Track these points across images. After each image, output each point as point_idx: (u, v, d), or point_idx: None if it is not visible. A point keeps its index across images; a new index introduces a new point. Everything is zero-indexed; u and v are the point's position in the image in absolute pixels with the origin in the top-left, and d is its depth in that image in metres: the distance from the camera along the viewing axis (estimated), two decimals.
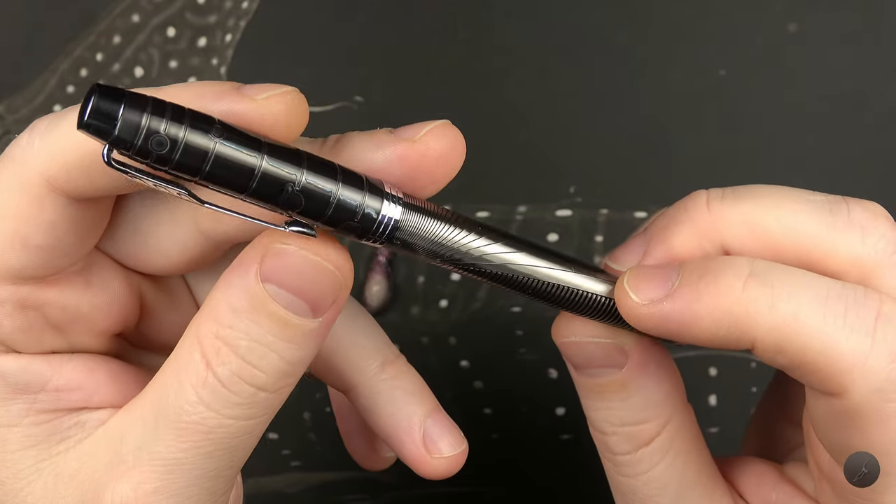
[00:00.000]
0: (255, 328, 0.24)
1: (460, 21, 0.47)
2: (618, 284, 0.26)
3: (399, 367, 0.30)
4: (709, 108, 0.46)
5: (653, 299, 0.25)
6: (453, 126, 0.25)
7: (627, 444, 0.28)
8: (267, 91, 0.23)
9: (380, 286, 0.46)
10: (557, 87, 0.47)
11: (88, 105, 0.21)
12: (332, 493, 0.46)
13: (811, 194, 0.26)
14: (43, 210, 0.24)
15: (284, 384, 0.25)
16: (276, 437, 0.46)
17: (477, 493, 0.45)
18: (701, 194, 0.27)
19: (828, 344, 0.24)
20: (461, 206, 0.46)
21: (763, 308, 0.24)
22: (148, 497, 0.24)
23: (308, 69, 0.47)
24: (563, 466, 0.45)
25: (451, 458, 0.30)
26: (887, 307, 0.24)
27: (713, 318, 0.24)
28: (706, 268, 0.25)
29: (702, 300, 0.24)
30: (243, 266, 0.24)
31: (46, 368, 0.26)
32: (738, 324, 0.24)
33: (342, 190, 0.23)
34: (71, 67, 0.48)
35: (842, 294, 0.24)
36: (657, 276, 0.25)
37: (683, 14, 0.47)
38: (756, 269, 0.24)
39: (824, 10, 0.46)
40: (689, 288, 0.25)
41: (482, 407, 0.45)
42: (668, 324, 0.25)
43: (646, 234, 0.28)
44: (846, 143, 0.46)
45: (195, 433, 0.24)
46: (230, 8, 0.48)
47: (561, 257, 0.26)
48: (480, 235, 0.25)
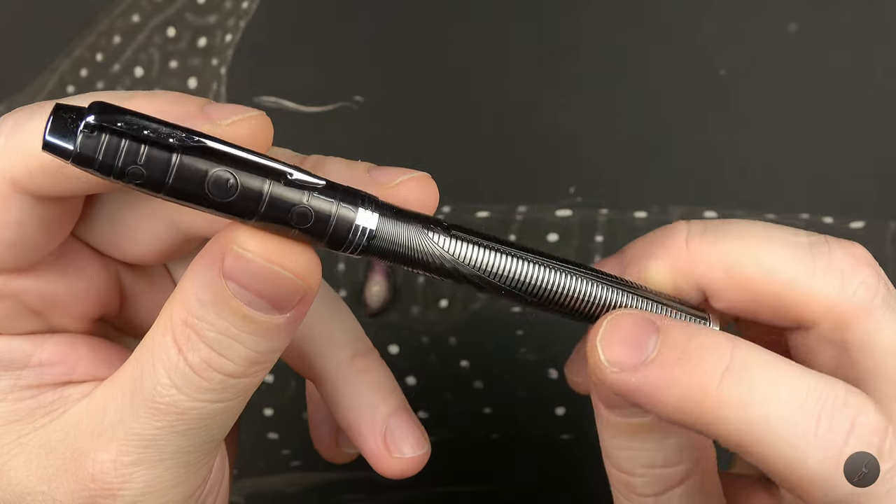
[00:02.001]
0: (221, 321, 0.23)
1: (460, 21, 0.47)
2: (590, 338, 0.25)
3: (370, 361, 0.30)
4: (709, 108, 0.46)
5: (623, 367, 0.24)
6: (430, 179, 0.25)
7: (657, 486, 0.27)
8: (232, 115, 0.23)
9: (380, 286, 0.46)
10: (557, 87, 0.47)
11: (47, 128, 0.21)
12: (332, 493, 0.46)
13: (794, 234, 0.26)
14: (8, 209, 0.24)
15: (255, 371, 0.24)
16: (276, 438, 0.46)
17: (477, 493, 0.45)
18: (681, 228, 0.26)
19: (794, 458, 0.23)
20: (461, 207, 0.46)
21: (734, 410, 0.23)
22: (126, 468, 0.24)
23: (308, 69, 0.47)
24: (563, 466, 0.45)
25: (412, 459, 0.30)
26: (864, 418, 0.23)
27: (679, 406, 0.23)
28: (685, 350, 0.24)
29: (673, 387, 0.23)
30: (208, 259, 0.23)
31: (28, 345, 0.26)
32: (703, 418, 0.23)
33: (338, 208, 0.23)
34: (71, 67, 0.48)
35: (819, 400, 0.23)
36: (633, 342, 0.24)
37: (683, 14, 0.47)
38: (734, 365, 0.23)
39: (824, 10, 0.46)
40: (662, 369, 0.24)
41: (482, 407, 0.45)
42: (631, 396, 0.24)
43: (621, 259, 0.27)
44: (846, 143, 0.46)
45: (168, 413, 0.24)
46: (230, 8, 0.48)
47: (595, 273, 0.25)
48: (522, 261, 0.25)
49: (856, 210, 0.45)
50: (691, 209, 0.45)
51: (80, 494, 0.25)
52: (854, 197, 0.45)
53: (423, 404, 0.45)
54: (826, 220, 0.45)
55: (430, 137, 0.47)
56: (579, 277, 0.25)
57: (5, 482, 0.26)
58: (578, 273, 0.25)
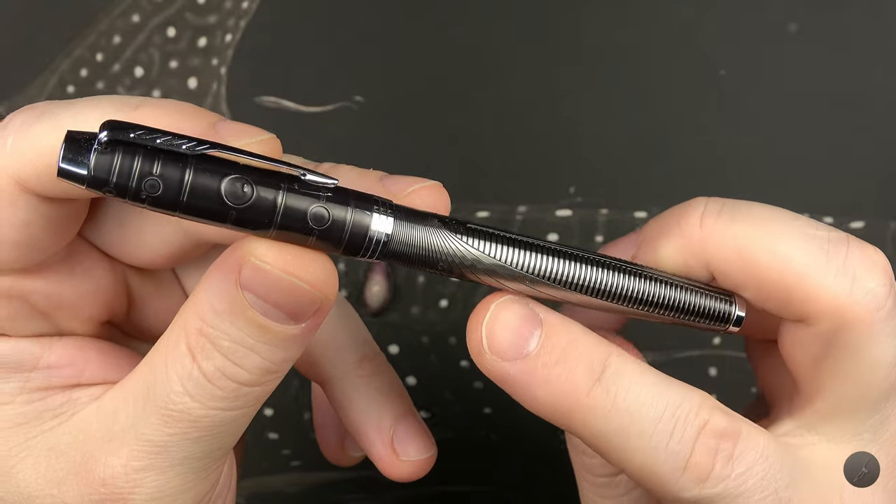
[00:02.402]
0: (236, 331, 0.23)
1: (460, 21, 0.47)
2: (474, 318, 0.25)
3: (377, 364, 0.30)
4: (709, 108, 0.46)
5: (503, 357, 0.25)
6: (442, 188, 0.25)
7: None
8: (243, 137, 0.23)
9: (380, 286, 0.46)
10: (557, 87, 0.47)
11: (60, 155, 0.21)
12: (332, 493, 0.46)
13: (815, 227, 0.26)
14: (16, 210, 0.24)
15: (269, 379, 0.25)
16: (276, 438, 0.46)
17: (477, 493, 0.45)
18: (697, 206, 0.26)
19: (646, 465, 0.25)
20: (461, 207, 0.46)
21: (600, 419, 0.24)
22: (137, 473, 0.24)
23: (308, 69, 0.47)
24: (562, 466, 0.45)
25: (418, 462, 0.30)
26: (710, 426, 0.25)
27: (550, 404, 0.24)
28: (564, 352, 0.25)
29: (547, 386, 0.24)
30: (224, 269, 0.23)
31: (37, 348, 0.26)
32: (570, 420, 0.24)
33: (354, 215, 0.23)
34: (71, 67, 0.48)
35: (675, 415, 0.25)
36: (517, 333, 0.25)
37: (683, 14, 0.47)
38: (606, 374, 0.24)
39: (824, 10, 0.46)
40: (541, 368, 0.24)
41: (482, 407, 0.45)
42: (506, 386, 0.25)
43: (636, 236, 0.27)
44: (846, 143, 0.46)
45: (181, 421, 0.24)
46: (230, 8, 0.48)
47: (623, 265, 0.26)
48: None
49: (856, 210, 0.45)
50: None
51: (91, 498, 0.25)
52: (854, 197, 0.45)
53: (423, 404, 0.45)
54: (826, 220, 0.45)
55: (429, 137, 0.47)
56: (600, 267, 0.25)
57: (13, 485, 0.26)
58: (599, 263, 0.25)
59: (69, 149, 0.21)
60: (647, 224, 0.28)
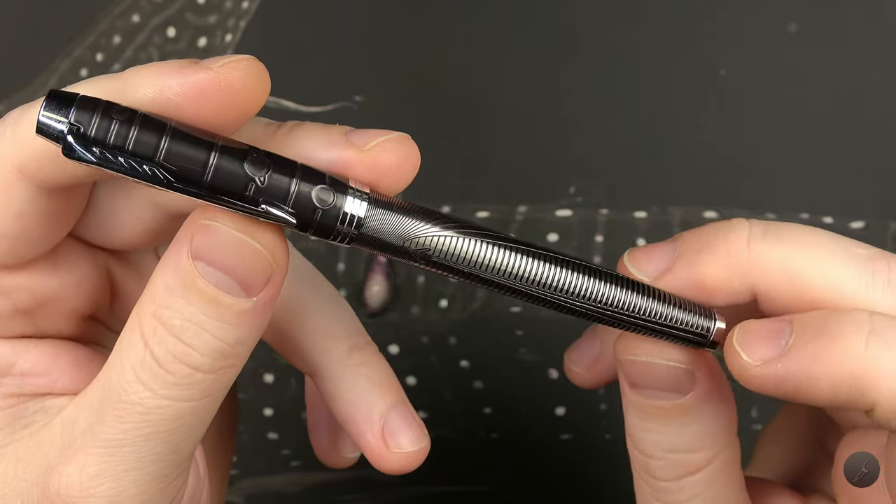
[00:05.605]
0: (188, 307, 0.23)
1: (460, 21, 0.47)
2: (727, 343, 0.24)
3: (368, 354, 0.29)
4: (709, 108, 0.46)
5: (765, 360, 0.24)
6: (409, 140, 0.24)
7: (674, 471, 0.27)
8: (222, 59, 0.23)
9: (380, 286, 0.46)
10: (557, 87, 0.47)
11: (40, 112, 0.21)
12: (332, 493, 0.46)
13: (855, 246, 0.25)
14: (11, 199, 0.24)
15: (222, 365, 0.24)
16: (276, 438, 0.46)
17: (476, 493, 0.45)
18: (742, 227, 0.26)
19: None
20: (461, 207, 0.46)
21: (887, 371, 0.23)
22: (92, 480, 0.24)
23: (308, 69, 0.47)
24: (562, 466, 0.45)
25: (410, 453, 0.29)
26: None
27: (832, 381, 0.23)
28: (823, 324, 0.24)
29: (820, 362, 0.23)
30: (176, 245, 0.23)
31: (11, 353, 0.26)
32: (859, 387, 0.23)
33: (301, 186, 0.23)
34: (71, 67, 0.48)
35: None
36: (768, 334, 0.24)
37: (683, 14, 0.47)
38: (877, 326, 0.23)
39: (824, 10, 0.46)
40: (805, 348, 0.23)
41: (482, 407, 0.45)
42: (783, 386, 0.24)
43: (672, 248, 0.27)
44: (846, 143, 0.46)
45: (133, 413, 0.23)
46: (230, 8, 0.48)
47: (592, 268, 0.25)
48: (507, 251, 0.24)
49: (856, 210, 0.45)
50: (691, 209, 0.45)
51: None
52: (854, 197, 0.45)
53: (423, 404, 0.45)
54: (826, 220, 0.45)
55: (429, 137, 0.47)
56: (577, 272, 0.25)
57: None
58: (577, 267, 0.25)
59: (49, 105, 0.21)
60: (682, 236, 0.27)
